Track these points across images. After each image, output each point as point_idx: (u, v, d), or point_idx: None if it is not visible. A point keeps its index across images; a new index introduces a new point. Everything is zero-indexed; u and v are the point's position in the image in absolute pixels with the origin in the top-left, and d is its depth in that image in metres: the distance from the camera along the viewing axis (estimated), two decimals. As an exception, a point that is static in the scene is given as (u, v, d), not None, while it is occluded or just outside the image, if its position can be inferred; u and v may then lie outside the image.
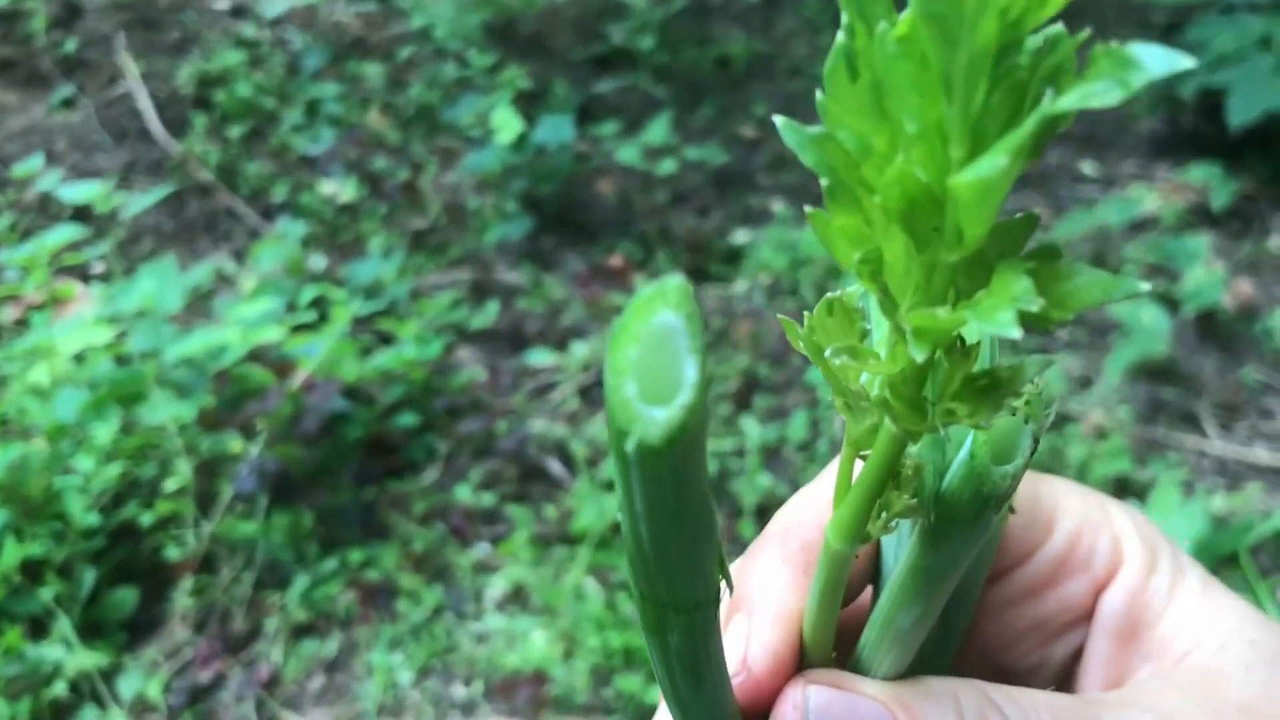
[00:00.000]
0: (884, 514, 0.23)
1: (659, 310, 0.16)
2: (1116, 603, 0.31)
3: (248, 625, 1.41)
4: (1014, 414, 0.21)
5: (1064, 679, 0.33)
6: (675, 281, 0.16)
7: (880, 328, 0.23)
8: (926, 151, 0.17)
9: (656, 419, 0.15)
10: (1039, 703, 0.27)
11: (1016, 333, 0.16)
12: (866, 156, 0.18)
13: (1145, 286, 0.18)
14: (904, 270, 0.19)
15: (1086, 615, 0.32)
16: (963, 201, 0.17)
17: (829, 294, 0.22)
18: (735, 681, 0.29)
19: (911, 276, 0.19)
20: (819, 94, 0.19)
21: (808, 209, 0.20)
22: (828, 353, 0.21)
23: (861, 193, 0.18)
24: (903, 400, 0.21)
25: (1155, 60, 0.15)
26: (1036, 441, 0.22)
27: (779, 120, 0.19)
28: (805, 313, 0.22)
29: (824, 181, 0.19)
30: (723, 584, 0.23)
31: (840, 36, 0.18)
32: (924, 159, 0.17)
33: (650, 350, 0.15)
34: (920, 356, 0.18)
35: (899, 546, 0.28)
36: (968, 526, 0.22)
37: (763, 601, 0.30)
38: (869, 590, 0.33)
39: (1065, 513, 0.32)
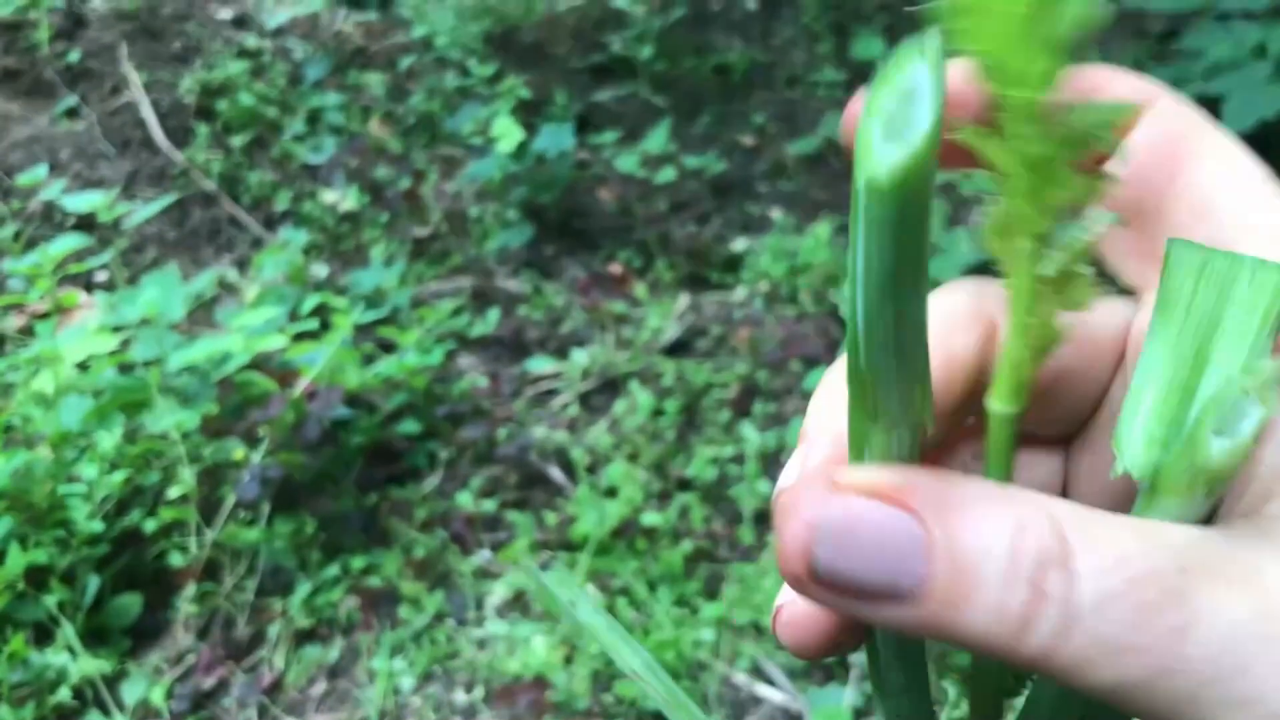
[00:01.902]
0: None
1: (913, 63, 0.17)
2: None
3: (250, 631, 1.42)
4: (1244, 393, 0.21)
5: None
6: (933, 39, 0.17)
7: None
8: None
9: (887, 155, 0.17)
10: (1138, 541, 0.19)
11: None
12: None
13: None
14: None
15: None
16: None
17: None
18: None
19: None
20: None
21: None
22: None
23: None
24: (1020, 195, 0.22)
25: None
26: (1262, 423, 0.20)
27: None
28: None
29: None
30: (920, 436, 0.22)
31: None
32: None
33: (899, 100, 0.17)
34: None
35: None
36: (1180, 499, 0.22)
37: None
38: None
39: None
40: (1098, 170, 0.22)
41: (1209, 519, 0.22)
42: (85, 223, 2.06)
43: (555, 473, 1.65)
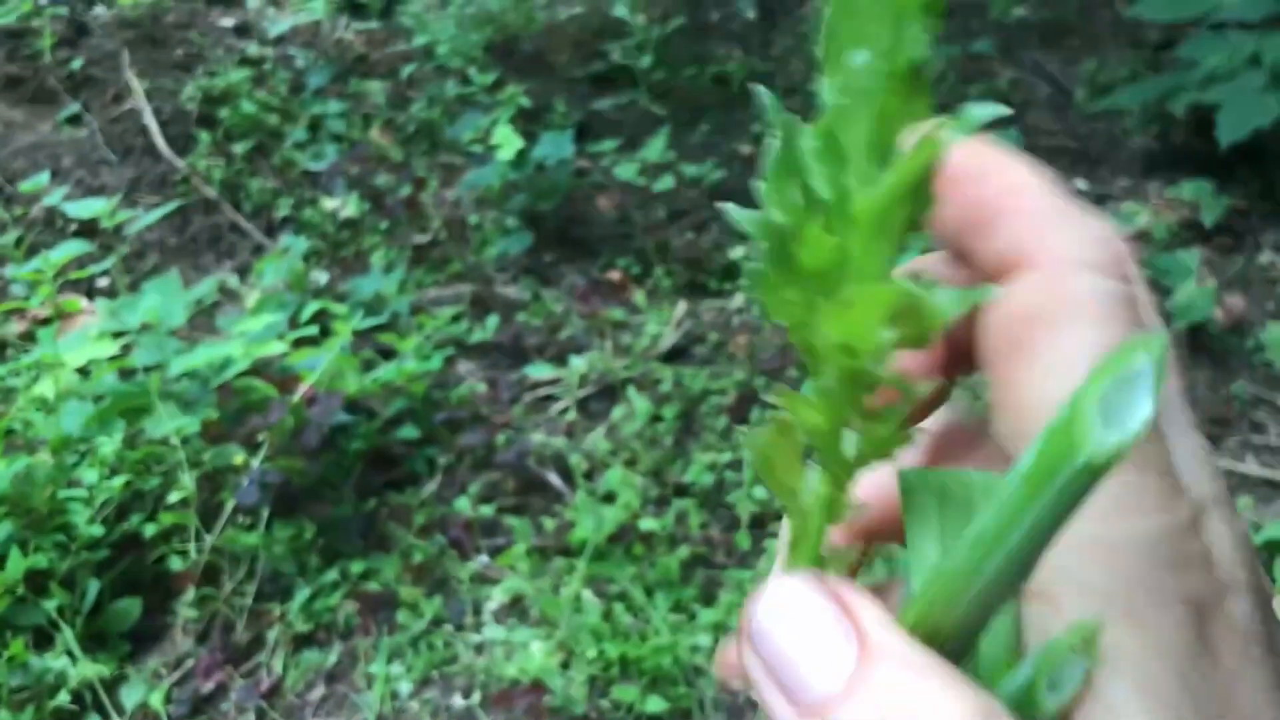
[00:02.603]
0: None
1: (1138, 355, 0.18)
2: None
3: (249, 636, 1.43)
4: (1072, 649, 0.22)
5: None
6: (1159, 337, 0.18)
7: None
8: (836, 220, 0.21)
9: (1109, 438, 0.18)
10: None
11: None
12: (797, 235, 0.22)
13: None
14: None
15: None
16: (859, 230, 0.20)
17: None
18: None
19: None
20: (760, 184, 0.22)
21: (746, 280, 0.22)
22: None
23: (793, 262, 0.22)
24: (829, 451, 0.23)
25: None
26: (1088, 674, 0.22)
27: (728, 207, 0.23)
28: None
29: (765, 249, 0.22)
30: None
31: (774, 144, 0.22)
32: (835, 226, 0.21)
33: (1119, 387, 0.18)
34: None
35: None
36: None
37: None
38: None
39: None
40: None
41: None
42: (87, 229, 2.07)
43: (553, 478, 1.66)
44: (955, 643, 0.21)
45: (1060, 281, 0.22)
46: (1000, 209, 0.23)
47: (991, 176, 0.23)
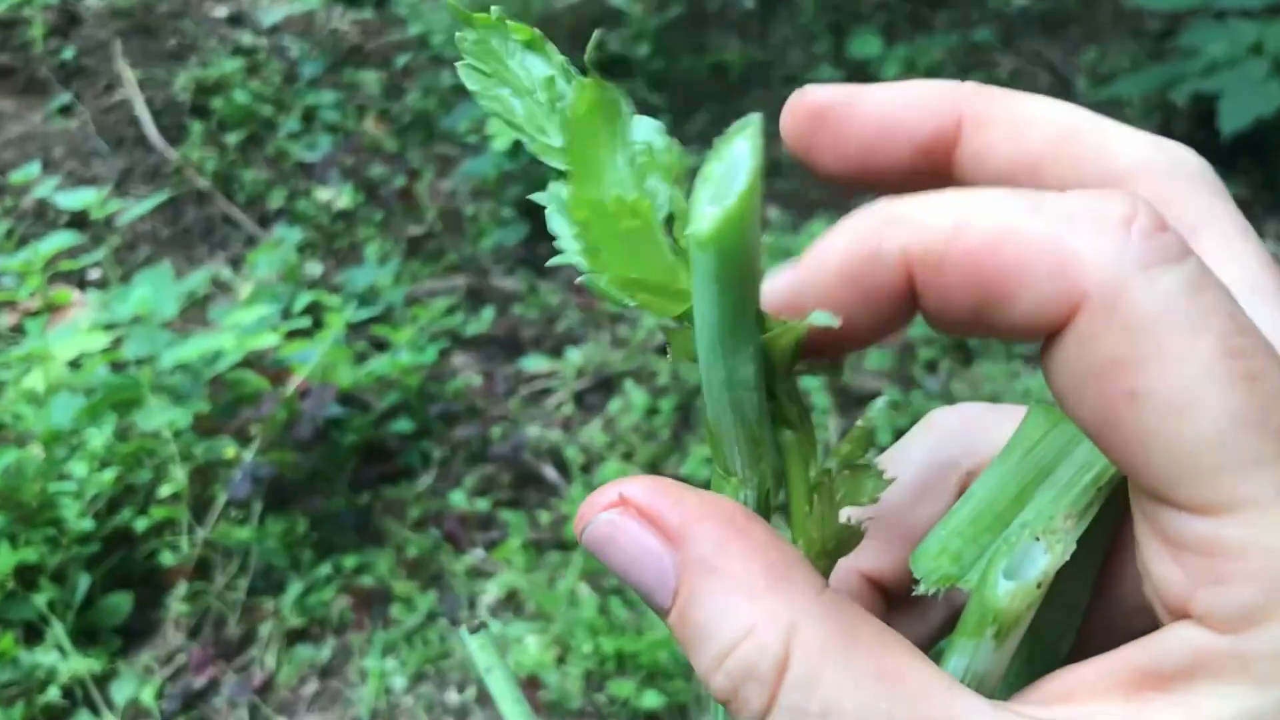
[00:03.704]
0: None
1: (737, 139, 0.19)
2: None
3: (242, 631, 1.42)
4: (1035, 539, 0.21)
5: None
6: (754, 120, 0.19)
7: None
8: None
9: (709, 213, 0.19)
10: (857, 693, 0.19)
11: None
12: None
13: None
14: None
15: None
16: None
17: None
18: None
19: None
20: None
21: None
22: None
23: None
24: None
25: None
26: (1047, 572, 0.21)
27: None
28: None
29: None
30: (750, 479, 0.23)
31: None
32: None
33: (725, 170, 0.19)
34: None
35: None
36: (971, 640, 0.22)
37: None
38: None
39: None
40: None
41: (1029, 672, 0.22)
42: (78, 220, 2.05)
43: (549, 472, 1.64)
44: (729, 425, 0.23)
45: (1124, 307, 0.18)
46: (1018, 268, 0.18)
47: (1003, 239, 0.19)
